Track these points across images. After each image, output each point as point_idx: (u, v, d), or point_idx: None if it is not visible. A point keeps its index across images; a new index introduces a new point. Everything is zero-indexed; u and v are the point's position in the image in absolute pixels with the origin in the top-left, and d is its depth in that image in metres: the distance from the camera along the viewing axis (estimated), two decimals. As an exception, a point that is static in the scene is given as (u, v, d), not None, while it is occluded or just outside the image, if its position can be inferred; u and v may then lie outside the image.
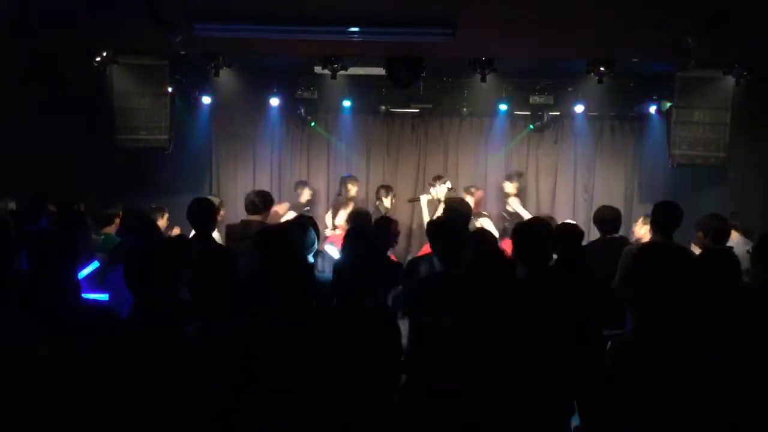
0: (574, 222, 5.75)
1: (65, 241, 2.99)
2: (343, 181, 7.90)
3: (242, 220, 5.52)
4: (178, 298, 2.59)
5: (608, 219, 5.23)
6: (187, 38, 5.64)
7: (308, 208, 7.90)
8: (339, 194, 7.88)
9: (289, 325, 2.60)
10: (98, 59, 6.88)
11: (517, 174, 8.29)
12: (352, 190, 7.83)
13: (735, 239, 5.28)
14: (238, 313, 3.23)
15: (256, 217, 5.39)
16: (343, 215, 7.15)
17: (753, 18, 5.03)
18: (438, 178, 7.50)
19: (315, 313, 2.77)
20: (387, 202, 7.62)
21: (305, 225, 4.25)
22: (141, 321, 2.50)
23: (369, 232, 4.45)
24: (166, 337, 2.47)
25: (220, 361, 2.47)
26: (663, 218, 4.47)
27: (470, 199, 7.45)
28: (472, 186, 7.99)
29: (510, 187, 8.05)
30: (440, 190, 7.26)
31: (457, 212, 4.99)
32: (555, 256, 4.03)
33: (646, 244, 4.46)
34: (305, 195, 8.10)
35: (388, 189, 7.77)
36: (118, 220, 5.38)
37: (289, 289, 2.68)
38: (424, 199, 7.24)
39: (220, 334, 2.70)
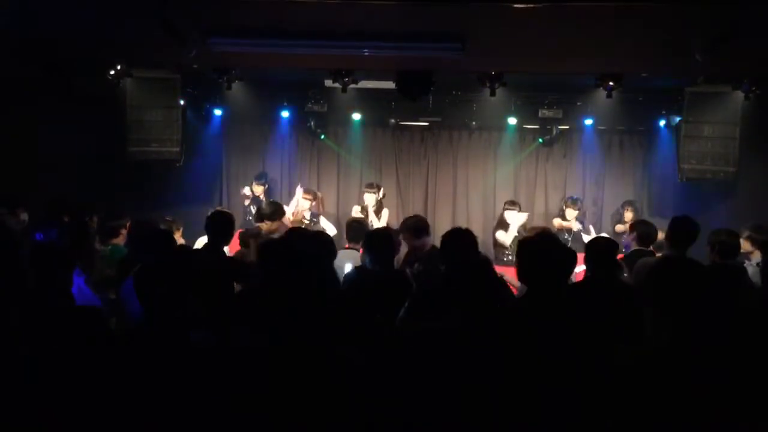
0: (607, 235, 5.77)
1: (60, 254, 3.08)
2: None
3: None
4: (186, 308, 2.64)
5: (644, 234, 5.18)
6: (200, 52, 5.72)
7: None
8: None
9: (289, 337, 2.64)
10: (112, 72, 6.97)
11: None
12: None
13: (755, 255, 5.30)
14: (242, 323, 3.27)
15: (262, 224, 5.49)
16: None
17: (762, 33, 5.04)
18: (369, 186, 7.75)
19: (319, 325, 2.79)
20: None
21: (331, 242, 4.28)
22: (149, 329, 2.55)
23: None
24: (173, 345, 2.51)
25: (224, 369, 2.51)
26: (678, 233, 4.49)
27: (571, 213, 7.72)
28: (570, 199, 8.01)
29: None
30: (368, 198, 7.61)
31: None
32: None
33: (660, 259, 4.47)
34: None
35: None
36: (124, 232, 5.44)
37: (291, 301, 2.73)
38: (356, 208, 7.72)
39: (226, 343, 2.75)
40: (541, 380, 2.58)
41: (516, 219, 7.21)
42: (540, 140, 8.84)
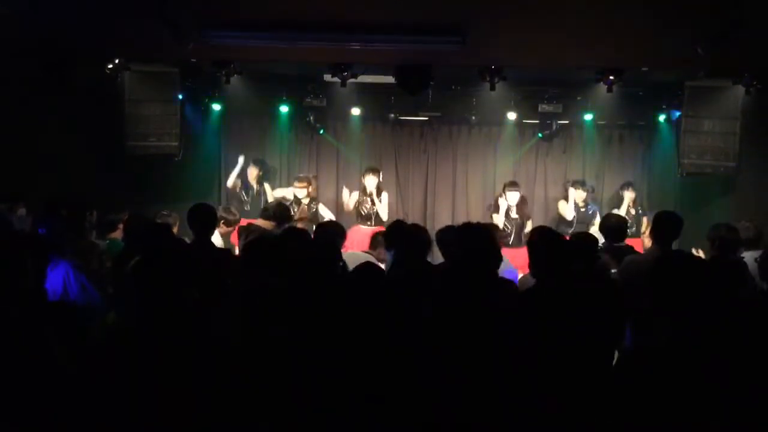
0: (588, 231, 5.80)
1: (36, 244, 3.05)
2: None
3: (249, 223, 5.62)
4: (184, 301, 2.63)
5: (614, 227, 5.20)
6: (199, 45, 5.69)
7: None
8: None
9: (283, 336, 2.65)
10: (110, 66, 6.95)
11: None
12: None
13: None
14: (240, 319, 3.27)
15: (264, 223, 5.46)
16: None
17: (763, 27, 5.03)
18: (373, 170, 7.76)
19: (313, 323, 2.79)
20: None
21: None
22: (148, 323, 2.54)
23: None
24: (172, 337, 2.51)
25: (221, 358, 2.51)
26: (662, 228, 4.47)
27: (580, 194, 7.90)
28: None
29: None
30: (371, 182, 7.65)
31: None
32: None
33: (659, 255, 4.44)
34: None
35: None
36: (122, 226, 5.42)
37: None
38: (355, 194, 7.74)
39: (220, 333, 2.75)
40: (541, 379, 2.58)
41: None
42: (540, 135, 8.81)
